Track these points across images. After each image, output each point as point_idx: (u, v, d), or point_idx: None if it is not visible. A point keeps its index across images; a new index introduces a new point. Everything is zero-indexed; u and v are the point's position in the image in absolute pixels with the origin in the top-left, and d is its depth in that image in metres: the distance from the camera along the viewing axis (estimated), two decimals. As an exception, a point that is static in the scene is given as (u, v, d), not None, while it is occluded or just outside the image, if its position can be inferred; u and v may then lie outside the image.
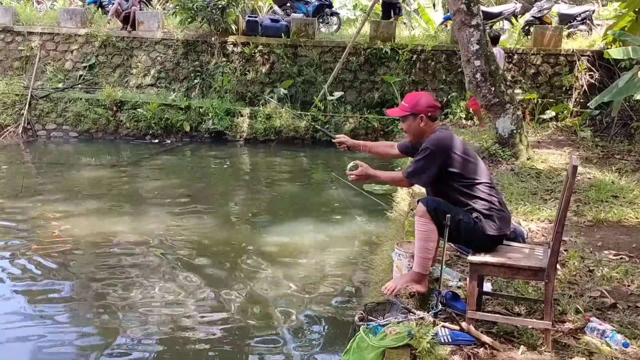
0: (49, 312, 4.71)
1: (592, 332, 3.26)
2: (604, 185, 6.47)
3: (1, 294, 4.99)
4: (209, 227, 6.83)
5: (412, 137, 3.78)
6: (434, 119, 3.67)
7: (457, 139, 3.61)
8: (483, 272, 3.36)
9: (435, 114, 3.68)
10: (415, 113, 3.63)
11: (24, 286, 5.17)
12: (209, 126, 12.20)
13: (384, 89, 12.71)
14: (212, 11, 12.68)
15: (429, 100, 3.67)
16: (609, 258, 4.51)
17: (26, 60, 13.56)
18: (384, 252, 4.96)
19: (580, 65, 12.09)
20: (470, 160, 3.55)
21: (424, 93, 3.82)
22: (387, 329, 3.12)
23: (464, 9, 7.64)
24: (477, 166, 3.56)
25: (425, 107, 3.62)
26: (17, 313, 4.67)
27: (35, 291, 5.06)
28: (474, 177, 3.51)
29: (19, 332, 4.39)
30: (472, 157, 3.58)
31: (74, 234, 6.46)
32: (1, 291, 5.04)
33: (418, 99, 3.66)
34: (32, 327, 4.47)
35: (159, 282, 5.22)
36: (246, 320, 4.60)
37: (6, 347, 4.20)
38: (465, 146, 3.62)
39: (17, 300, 4.92)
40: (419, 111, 3.62)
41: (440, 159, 3.49)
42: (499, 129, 7.99)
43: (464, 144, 3.66)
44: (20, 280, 5.28)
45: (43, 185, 8.75)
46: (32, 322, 4.57)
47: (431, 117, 3.65)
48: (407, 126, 3.73)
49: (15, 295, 4.98)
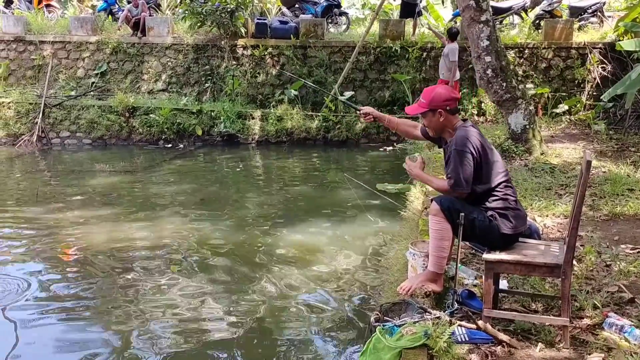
0: (68, 316, 4.77)
1: (611, 328, 3.24)
2: (619, 179, 6.40)
3: (21, 299, 5.05)
4: (223, 230, 6.86)
5: (434, 132, 3.74)
6: (453, 112, 3.62)
7: (479, 135, 3.54)
8: (499, 270, 3.35)
9: (454, 107, 3.62)
10: (434, 108, 3.58)
11: (43, 291, 5.22)
12: (221, 129, 12.26)
13: (394, 87, 12.69)
14: (221, 15, 12.74)
15: (446, 94, 3.60)
16: (626, 252, 4.47)
17: (39, 69, 13.71)
18: (399, 251, 4.96)
19: (592, 58, 11.98)
20: (490, 158, 3.50)
21: (440, 86, 3.77)
22: (403, 329, 3.11)
23: (473, 5, 7.61)
24: (496, 163, 3.52)
25: (442, 101, 3.56)
26: (37, 318, 4.73)
27: (54, 296, 5.11)
28: (492, 174, 3.47)
29: (38, 334, 4.48)
30: (492, 153, 3.54)
31: (90, 239, 6.52)
32: (21, 296, 5.09)
33: (435, 94, 3.59)
34: (50, 329, 4.56)
35: (175, 286, 5.25)
36: (262, 322, 4.62)
37: (28, 349, 4.28)
38: (485, 141, 3.57)
39: (37, 305, 4.96)
40: (436, 106, 3.56)
41: (473, 158, 3.42)
42: (511, 124, 7.94)
43: (484, 138, 3.60)
44: (39, 285, 5.32)
45: (58, 192, 8.83)
46: (51, 324, 4.65)
47: (450, 110, 3.59)
48: (428, 122, 3.68)
49: (35, 301, 5.03)
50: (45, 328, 4.61)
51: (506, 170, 3.61)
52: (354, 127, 12.18)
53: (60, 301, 5.03)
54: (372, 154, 11.45)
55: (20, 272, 5.63)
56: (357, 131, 12.22)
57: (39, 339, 4.45)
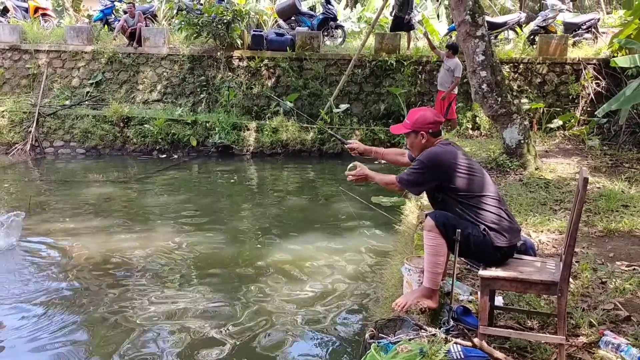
0: (59, 326, 4.69)
1: (607, 346, 3.21)
2: (613, 195, 6.41)
3: (10, 310, 4.98)
4: (217, 242, 6.82)
5: (416, 152, 3.77)
6: (435, 135, 3.67)
7: (457, 154, 3.56)
8: (494, 287, 3.32)
9: (437, 130, 3.67)
10: (417, 130, 3.65)
11: (33, 303, 5.14)
12: (216, 140, 12.24)
13: (389, 100, 12.72)
14: (217, 26, 12.76)
15: (430, 117, 3.65)
16: (622, 269, 4.46)
17: (33, 78, 13.67)
18: (394, 266, 4.93)
19: (587, 74, 12.06)
20: (474, 175, 3.51)
21: (425, 109, 3.78)
22: (398, 346, 3.07)
23: (469, 20, 7.64)
24: (482, 180, 3.53)
25: (426, 124, 3.63)
26: (26, 328, 4.65)
27: (45, 307, 5.03)
28: (478, 191, 3.48)
29: (28, 346, 4.40)
30: (476, 171, 3.54)
31: (82, 250, 6.46)
32: (10, 308, 5.03)
33: (418, 116, 3.66)
34: (40, 341, 4.47)
35: (167, 298, 5.20)
36: (254, 337, 4.55)
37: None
38: (469, 159, 3.59)
39: (27, 316, 4.89)
40: (419, 128, 3.63)
41: (434, 174, 3.49)
42: (506, 139, 7.96)
43: (468, 157, 3.62)
44: (30, 296, 5.25)
45: (51, 202, 8.76)
46: (41, 336, 4.55)
47: (432, 133, 3.65)
48: (410, 142, 3.76)
49: (25, 312, 4.96)
50: (34, 340, 4.50)
51: (495, 187, 3.62)
52: (349, 139, 12.14)
53: (50, 311, 4.96)
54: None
55: (11, 282, 5.56)
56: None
57: (25, 352, 4.35)
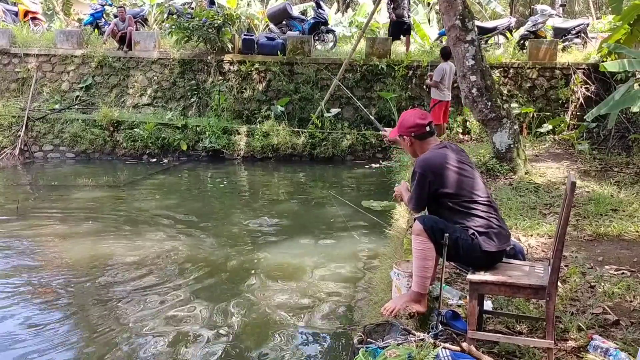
0: (46, 332, 4.64)
1: (596, 350, 3.20)
2: (602, 199, 6.43)
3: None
4: (207, 247, 6.78)
5: (410, 155, 3.78)
6: (422, 137, 3.62)
7: (448, 157, 3.51)
8: (483, 291, 3.31)
9: (421, 132, 3.61)
10: (401, 134, 3.66)
11: (21, 307, 5.09)
12: (206, 145, 12.21)
13: (380, 105, 12.73)
14: (208, 30, 12.74)
15: (412, 120, 3.61)
16: (610, 273, 4.46)
17: (23, 81, 13.57)
18: (383, 271, 4.91)
19: (576, 79, 12.13)
20: (466, 177, 3.48)
21: (410, 112, 3.74)
22: (386, 351, 3.05)
23: (459, 25, 7.66)
24: (473, 182, 3.49)
25: (407, 128, 3.62)
26: (14, 333, 4.60)
27: (33, 312, 4.98)
28: (468, 195, 3.44)
29: (15, 353, 4.33)
30: (468, 174, 3.50)
31: (71, 255, 6.40)
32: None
33: (401, 120, 3.68)
34: (27, 348, 4.40)
35: (156, 303, 5.15)
36: (243, 341, 4.53)
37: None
38: (462, 162, 3.54)
39: (14, 321, 4.83)
40: (402, 132, 3.65)
41: (431, 180, 3.46)
42: (496, 143, 7.97)
43: (462, 159, 3.57)
44: (17, 301, 5.20)
45: (40, 206, 8.69)
46: (28, 341, 4.50)
47: (416, 136, 3.61)
48: (403, 146, 3.77)
49: (13, 316, 4.90)
50: (20, 346, 4.44)
51: (487, 189, 3.60)
52: (340, 144, 12.19)
53: (37, 316, 4.91)
54: (358, 171, 11.45)
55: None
56: (343, 148, 12.24)
57: (12, 358, 4.29)
